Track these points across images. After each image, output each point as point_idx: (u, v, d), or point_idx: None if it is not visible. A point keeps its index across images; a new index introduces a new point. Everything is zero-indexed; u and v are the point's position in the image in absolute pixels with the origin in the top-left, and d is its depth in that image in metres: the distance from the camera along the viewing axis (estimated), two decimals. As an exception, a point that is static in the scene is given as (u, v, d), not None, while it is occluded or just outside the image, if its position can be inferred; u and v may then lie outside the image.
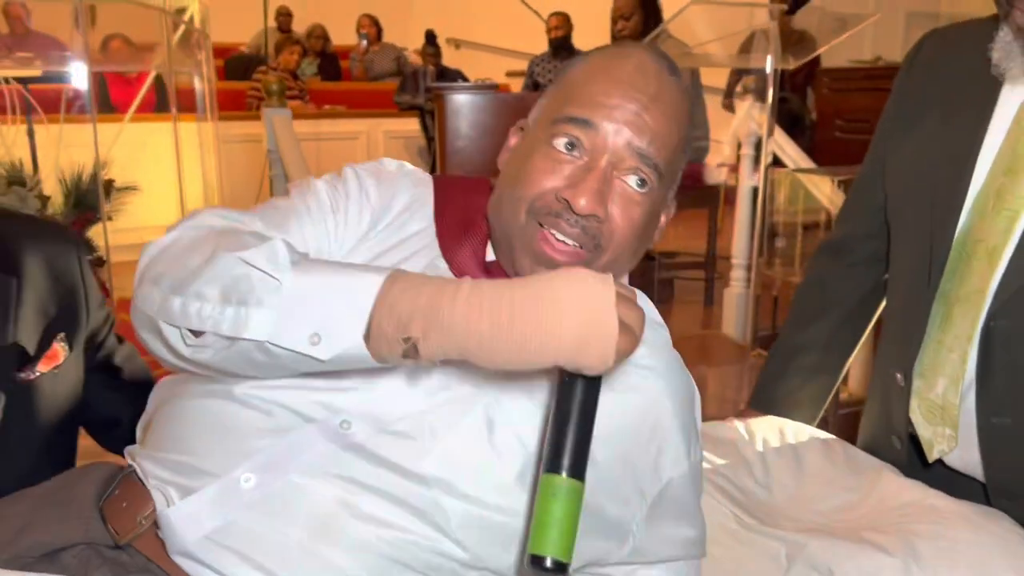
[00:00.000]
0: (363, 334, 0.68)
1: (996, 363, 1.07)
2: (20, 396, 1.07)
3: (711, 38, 3.24)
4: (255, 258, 0.71)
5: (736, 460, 1.26)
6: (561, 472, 0.69)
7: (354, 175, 0.95)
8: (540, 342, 0.66)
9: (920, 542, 1.02)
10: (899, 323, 1.22)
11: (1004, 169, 1.06)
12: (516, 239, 0.86)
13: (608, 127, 0.84)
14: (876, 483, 1.20)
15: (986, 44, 1.09)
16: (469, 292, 0.69)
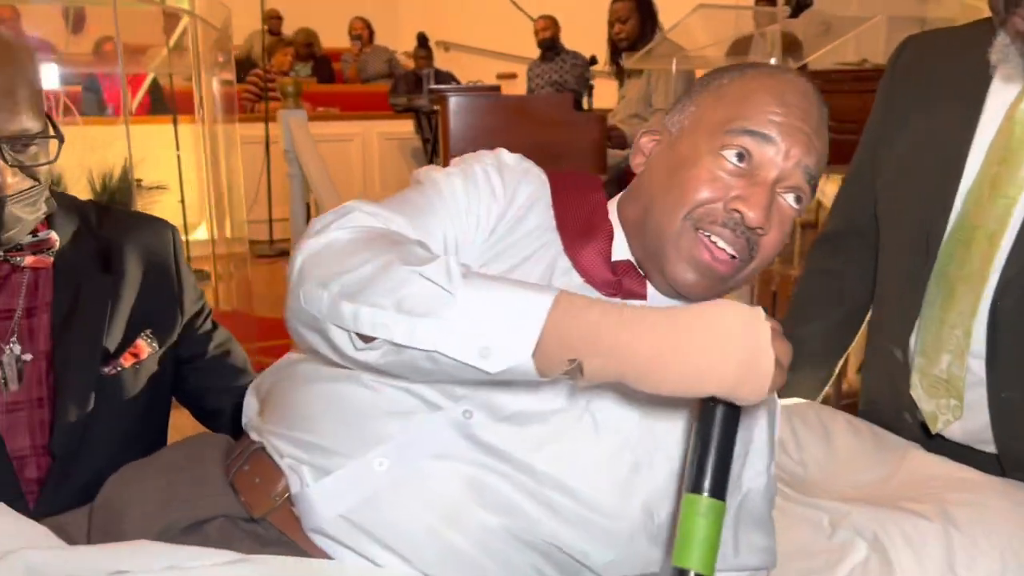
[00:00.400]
0: (532, 352, 0.70)
1: (1003, 341, 1.16)
2: (105, 390, 1.11)
3: (709, 42, 3.33)
4: (432, 273, 0.73)
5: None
6: (704, 492, 0.72)
7: (482, 171, 0.96)
8: (702, 374, 0.69)
9: (955, 509, 1.09)
10: (894, 304, 1.30)
11: (998, 159, 1.16)
12: (669, 243, 0.88)
13: (784, 144, 0.87)
14: (904, 458, 1.27)
15: (967, 48, 1.22)
16: (634, 318, 0.71)
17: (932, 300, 1.22)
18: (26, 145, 1.03)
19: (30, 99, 1.03)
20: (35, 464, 1.10)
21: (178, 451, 0.97)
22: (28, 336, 1.11)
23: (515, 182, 0.96)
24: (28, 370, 1.11)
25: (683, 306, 0.74)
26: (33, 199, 1.06)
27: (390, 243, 0.80)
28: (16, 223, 1.06)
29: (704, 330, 0.70)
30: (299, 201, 3.21)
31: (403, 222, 0.88)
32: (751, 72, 0.93)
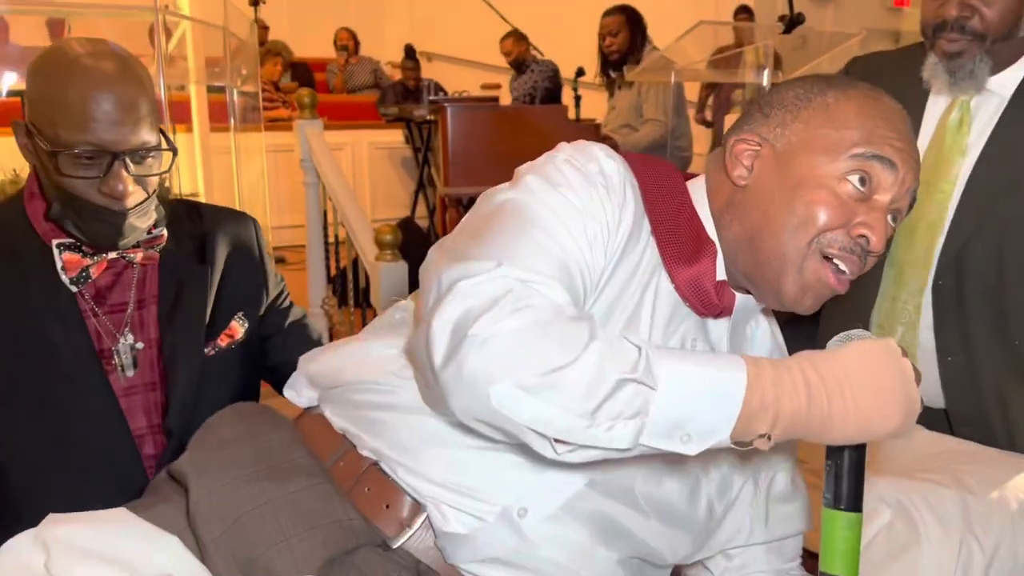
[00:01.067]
0: (729, 430, 0.74)
1: (945, 314, 1.38)
2: (208, 370, 1.23)
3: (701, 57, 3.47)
4: (640, 376, 0.73)
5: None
6: (843, 507, 0.81)
7: (592, 190, 0.88)
8: (872, 427, 0.76)
9: (967, 478, 1.22)
10: (854, 286, 1.47)
11: (933, 162, 1.38)
12: (790, 266, 0.88)
13: (902, 171, 0.88)
14: (911, 439, 1.40)
15: (906, 67, 1.44)
16: (817, 385, 0.75)
17: (886, 281, 1.43)
18: (143, 157, 1.13)
19: (150, 113, 1.13)
20: (152, 442, 1.21)
21: (255, 441, 0.96)
22: (139, 326, 1.23)
23: (620, 199, 0.90)
24: (140, 357, 1.22)
25: (836, 352, 0.78)
26: (147, 209, 1.17)
27: (580, 335, 0.74)
28: (132, 232, 1.17)
29: (872, 381, 0.76)
30: (315, 209, 3.30)
31: (559, 287, 0.81)
32: (854, 92, 0.92)
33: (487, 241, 0.83)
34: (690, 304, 0.92)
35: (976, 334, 1.36)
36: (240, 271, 1.30)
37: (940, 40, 1.33)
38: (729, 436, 0.74)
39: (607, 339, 0.75)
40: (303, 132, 3.08)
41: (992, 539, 1.13)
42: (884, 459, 1.37)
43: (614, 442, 0.73)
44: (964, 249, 1.35)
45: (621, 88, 4.29)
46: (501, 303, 0.75)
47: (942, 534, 1.13)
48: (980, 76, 1.34)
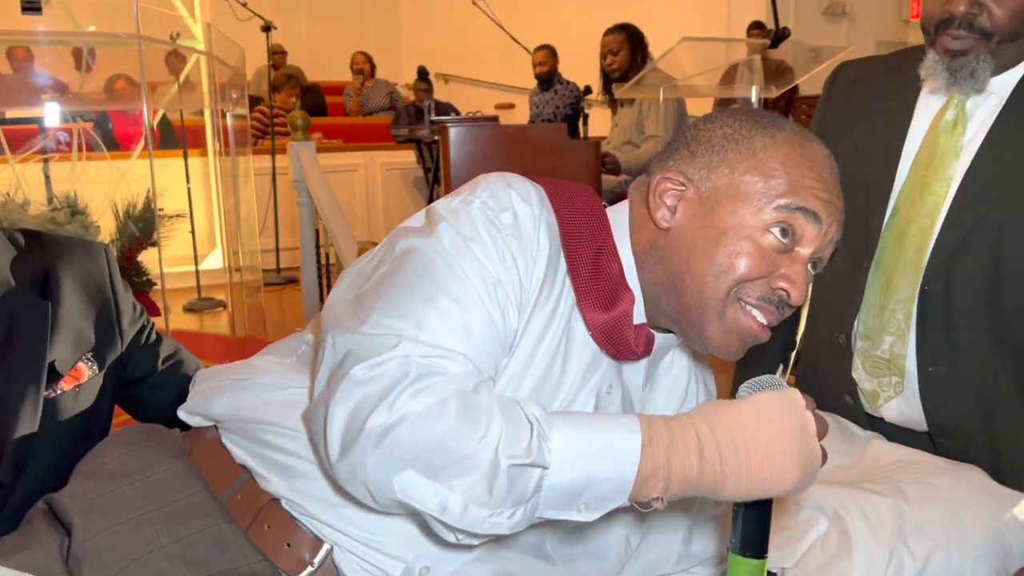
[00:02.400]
0: (628, 495, 0.75)
1: (931, 321, 1.33)
2: (47, 414, 1.09)
3: (696, 71, 3.49)
4: (535, 459, 0.72)
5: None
6: (747, 554, 0.81)
7: (503, 246, 0.85)
8: (769, 485, 0.76)
9: (907, 487, 1.22)
10: (835, 293, 1.46)
11: (925, 164, 1.35)
12: (711, 312, 0.87)
13: (826, 223, 0.88)
14: (867, 448, 1.40)
15: (897, 68, 1.42)
16: (710, 446, 0.75)
17: (872, 289, 1.39)
18: None
19: None
20: None
21: (145, 474, 0.92)
22: None
23: (533, 248, 0.88)
24: None
25: (733, 406, 0.78)
26: None
27: (466, 419, 0.73)
28: None
29: (766, 440, 0.75)
30: (308, 228, 3.36)
31: (461, 359, 0.79)
32: (781, 136, 0.90)
33: (388, 304, 0.80)
34: (606, 351, 0.91)
35: (963, 343, 1.33)
36: (88, 307, 1.17)
37: (944, 37, 1.28)
38: (624, 500, 0.75)
39: (505, 414, 0.73)
40: (295, 153, 3.15)
41: (925, 548, 1.13)
42: (832, 469, 1.37)
43: (515, 526, 0.74)
44: (955, 253, 1.30)
45: (623, 105, 4.33)
46: (397, 389, 0.73)
47: (873, 543, 1.13)
48: (982, 76, 1.29)
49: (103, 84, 5.58)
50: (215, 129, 3.40)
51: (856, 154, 1.45)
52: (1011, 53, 1.30)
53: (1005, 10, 1.25)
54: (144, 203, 2.77)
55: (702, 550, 1.10)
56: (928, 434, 1.39)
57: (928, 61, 1.34)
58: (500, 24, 6.66)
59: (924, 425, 1.38)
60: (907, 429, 1.41)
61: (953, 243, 1.31)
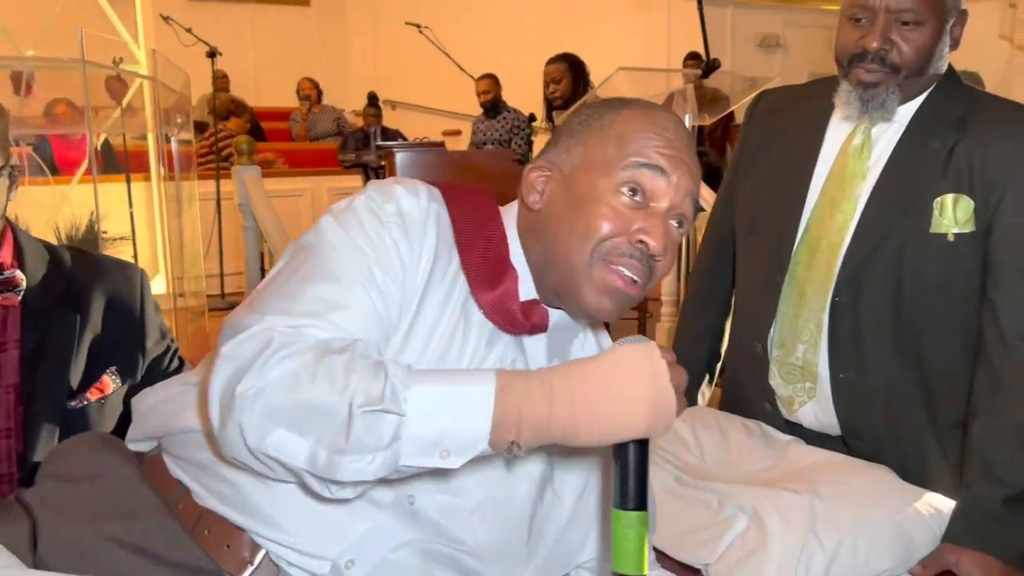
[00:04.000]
0: (487, 440, 0.79)
1: (840, 331, 1.43)
2: (70, 423, 1.18)
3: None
4: (387, 405, 0.77)
5: (674, 439, 1.53)
6: (630, 507, 0.83)
7: (386, 235, 0.92)
8: (620, 426, 0.80)
9: (821, 485, 1.30)
10: (753, 306, 1.57)
11: (835, 185, 1.46)
12: (581, 276, 0.94)
13: (674, 176, 0.94)
14: (787, 451, 1.48)
15: (810, 96, 1.55)
16: (562, 392, 0.80)
17: (786, 300, 1.49)
18: None
19: None
20: (3, 490, 1.17)
21: (102, 478, 0.98)
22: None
23: (420, 237, 0.94)
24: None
25: (592, 359, 0.83)
26: None
27: (328, 374, 0.79)
28: None
29: (615, 385, 0.80)
30: (254, 252, 3.38)
31: (328, 326, 0.85)
32: (627, 112, 0.98)
33: (268, 294, 0.88)
34: (498, 325, 0.97)
35: (870, 351, 1.42)
36: (115, 324, 1.25)
37: (858, 69, 1.40)
38: (488, 446, 0.79)
39: (364, 369, 0.79)
40: (240, 177, 3.17)
41: (834, 539, 1.21)
42: (755, 472, 1.46)
43: (378, 472, 0.78)
44: (862, 268, 1.40)
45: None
46: (263, 356, 0.79)
47: (786, 534, 1.21)
48: (890, 106, 1.41)
49: (43, 108, 5.53)
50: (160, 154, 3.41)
51: (771, 174, 1.56)
52: (916, 86, 1.43)
53: (912, 48, 1.38)
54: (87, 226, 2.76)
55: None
56: (842, 438, 1.49)
57: (842, 91, 1.46)
58: (446, 52, 6.76)
59: (838, 429, 1.48)
60: (823, 434, 1.51)
61: (860, 258, 1.41)
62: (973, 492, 1.30)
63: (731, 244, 1.66)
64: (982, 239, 1.36)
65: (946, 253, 1.37)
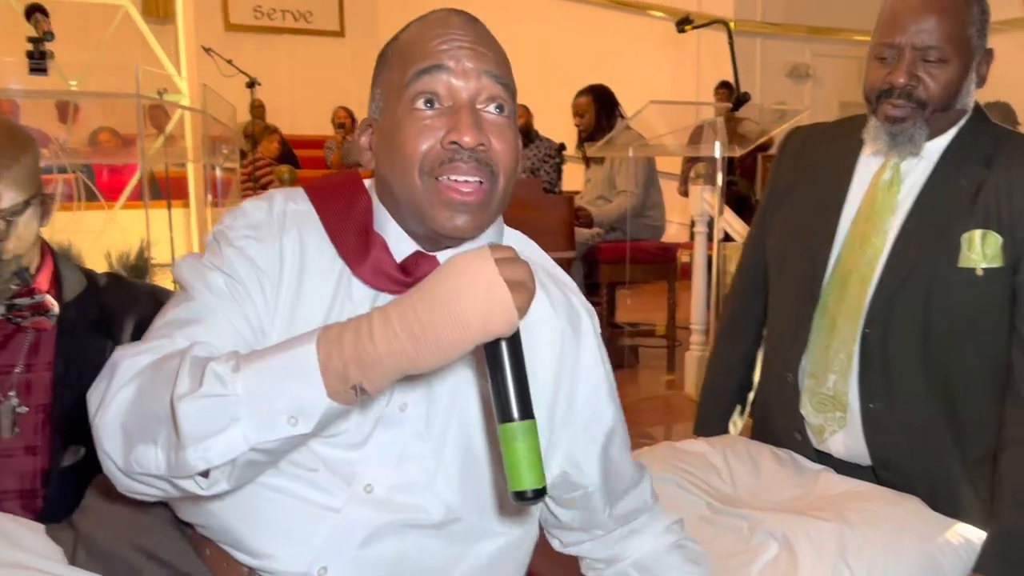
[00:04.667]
0: (326, 395, 0.77)
1: (870, 362, 1.46)
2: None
3: (665, 131, 3.67)
4: (207, 390, 0.76)
5: (705, 466, 1.56)
6: (514, 419, 0.79)
7: (235, 252, 0.94)
8: (454, 338, 0.76)
9: (850, 513, 1.33)
10: (784, 336, 1.61)
11: (865, 218, 1.50)
12: (423, 204, 0.91)
13: (455, 64, 0.91)
14: (817, 480, 1.51)
15: (840, 134, 1.59)
16: (382, 323, 0.77)
17: (817, 331, 1.52)
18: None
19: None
20: (19, 505, 1.22)
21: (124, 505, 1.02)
22: (25, 390, 1.25)
23: (276, 239, 0.95)
24: (24, 421, 1.24)
25: (418, 285, 0.79)
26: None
27: (163, 380, 0.80)
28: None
29: (445, 293, 0.76)
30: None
31: (184, 341, 0.87)
32: (404, 35, 0.97)
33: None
34: (386, 289, 0.95)
35: (899, 383, 1.45)
36: None
37: (885, 105, 1.44)
38: (329, 400, 0.77)
39: (190, 367, 0.79)
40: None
41: (864, 567, 1.23)
42: (785, 500, 1.48)
43: (226, 454, 0.77)
44: (892, 300, 1.43)
45: (595, 162, 4.50)
46: (102, 385, 0.84)
47: (816, 561, 1.23)
48: (918, 141, 1.45)
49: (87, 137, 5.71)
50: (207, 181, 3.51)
51: (802, 208, 1.60)
52: (943, 121, 1.47)
53: (938, 84, 1.42)
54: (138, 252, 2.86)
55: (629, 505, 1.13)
56: (872, 468, 1.51)
57: (871, 127, 1.50)
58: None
59: (868, 459, 1.50)
60: (853, 464, 1.53)
61: (890, 291, 1.44)
62: (1003, 523, 1.32)
63: (763, 276, 1.69)
64: (1010, 274, 1.39)
65: (975, 288, 1.40)
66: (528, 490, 0.79)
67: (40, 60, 2.62)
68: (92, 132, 5.69)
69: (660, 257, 4.32)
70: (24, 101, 5.43)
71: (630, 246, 3.99)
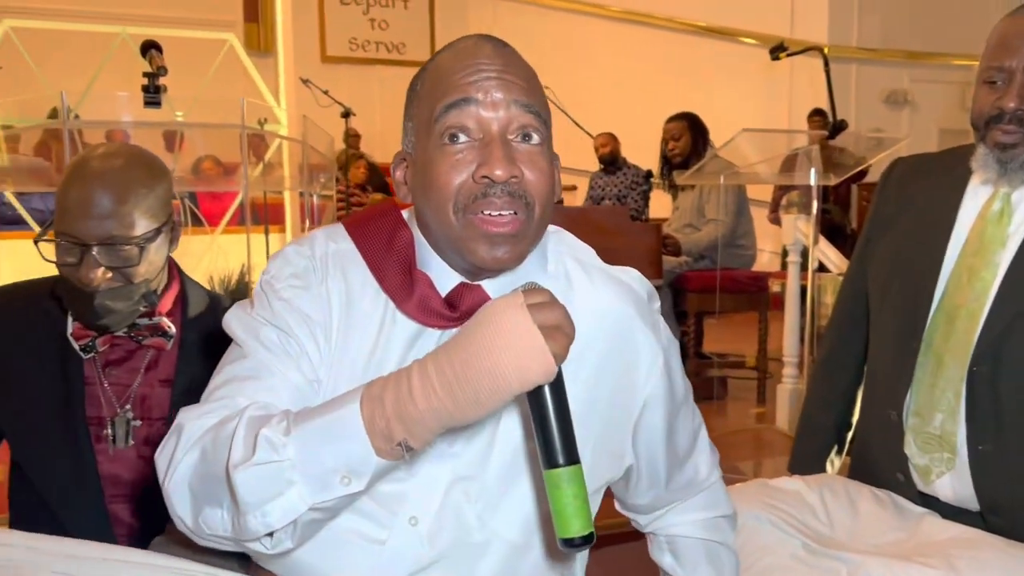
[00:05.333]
0: (374, 454, 0.78)
1: (979, 402, 1.39)
2: None
3: (757, 159, 3.61)
4: (260, 457, 0.79)
5: (801, 505, 1.51)
6: (559, 464, 0.78)
7: (284, 304, 0.95)
8: (491, 391, 0.76)
9: (958, 561, 1.26)
10: (887, 373, 1.54)
11: (973, 251, 1.43)
12: (460, 239, 0.91)
13: (484, 97, 0.90)
14: (921, 524, 1.44)
15: (946, 165, 1.53)
16: (421, 379, 0.78)
17: (923, 368, 1.46)
18: (111, 247, 1.22)
19: (130, 212, 1.23)
20: (130, 510, 1.31)
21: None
22: (141, 404, 1.32)
23: (321, 284, 0.96)
24: (139, 433, 1.31)
25: (464, 327, 0.80)
26: (124, 294, 1.25)
27: (222, 445, 0.83)
28: (109, 313, 1.25)
29: (472, 347, 0.76)
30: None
31: (243, 400, 0.89)
32: (431, 65, 0.97)
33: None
34: (433, 324, 0.95)
35: (1010, 424, 1.38)
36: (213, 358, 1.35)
37: (995, 131, 1.39)
38: (378, 458, 0.78)
39: (244, 433, 0.81)
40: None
41: (973, 618, 1.17)
42: (887, 544, 1.42)
43: (285, 518, 0.79)
44: (1002, 337, 1.37)
45: (684, 189, 4.46)
46: (167, 452, 0.87)
47: (922, 611, 1.18)
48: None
49: (191, 165, 5.99)
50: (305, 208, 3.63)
51: (906, 240, 1.55)
52: None
53: None
54: (238, 277, 2.98)
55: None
56: (980, 514, 1.43)
57: (979, 154, 1.44)
58: (564, 110, 6.91)
59: (976, 504, 1.43)
60: (960, 508, 1.45)
61: (1000, 328, 1.38)
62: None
63: (864, 310, 1.64)
64: None
65: None
66: (576, 537, 0.79)
67: (155, 94, 2.78)
68: (196, 160, 5.97)
69: (750, 286, 4.23)
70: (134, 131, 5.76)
71: (720, 275, 3.93)
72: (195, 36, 5.41)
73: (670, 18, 7.88)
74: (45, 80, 4.13)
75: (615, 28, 8.32)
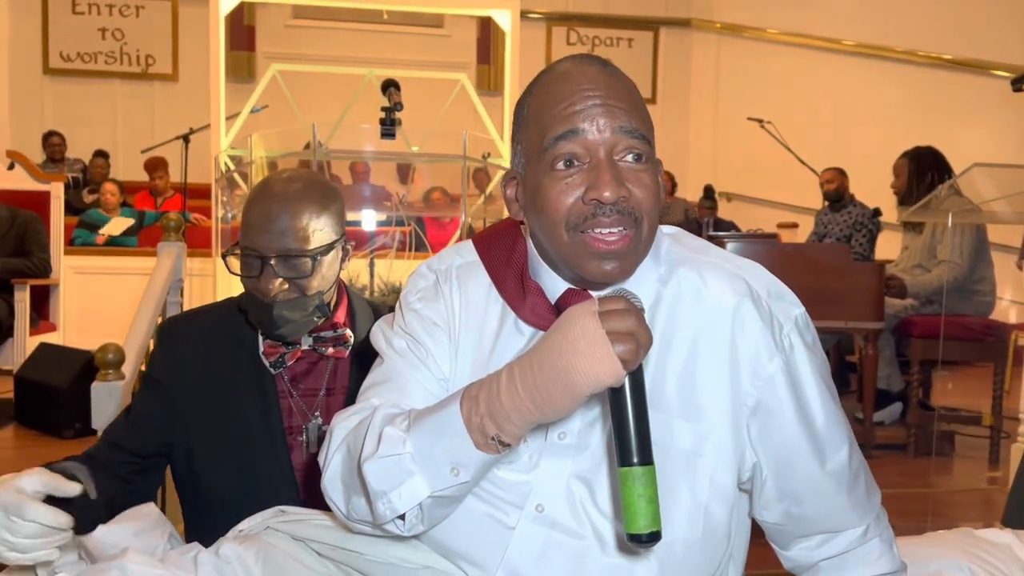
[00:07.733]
0: (475, 448, 0.88)
1: None
2: None
3: (996, 196, 3.33)
4: (384, 451, 0.91)
5: (1010, 559, 1.40)
6: (633, 463, 0.82)
7: (413, 315, 1.08)
8: (564, 393, 0.83)
9: None
10: None
11: None
12: (571, 257, 0.97)
13: (590, 126, 0.95)
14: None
15: None
16: (507, 380, 0.87)
17: None
18: (287, 259, 1.32)
19: (304, 228, 1.33)
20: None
21: None
22: (327, 411, 1.43)
23: (444, 295, 1.08)
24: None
25: (536, 346, 0.88)
26: (300, 305, 1.34)
27: (359, 442, 0.96)
28: (286, 323, 1.34)
29: (545, 352, 0.85)
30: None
31: (377, 401, 1.03)
32: (537, 88, 1.02)
33: None
34: (545, 328, 0.99)
35: None
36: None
37: None
38: (479, 452, 0.88)
39: (373, 430, 0.94)
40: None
41: None
42: None
43: (408, 504, 0.91)
44: None
45: (915, 228, 4.19)
46: (323, 449, 1.02)
47: None
48: None
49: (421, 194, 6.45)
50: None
51: None
52: None
53: None
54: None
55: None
56: None
57: None
58: (787, 145, 6.71)
59: None
60: None
61: None
62: None
63: None
64: None
65: None
66: (642, 533, 0.82)
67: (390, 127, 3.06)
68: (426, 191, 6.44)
69: (986, 335, 3.89)
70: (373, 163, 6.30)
71: (949, 321, 3.65)
72: (432, 76, 5.86)
73: (910, 51, 7.43)
74: (302, 116, 4.65)
75: (845, 62, 7.98)
